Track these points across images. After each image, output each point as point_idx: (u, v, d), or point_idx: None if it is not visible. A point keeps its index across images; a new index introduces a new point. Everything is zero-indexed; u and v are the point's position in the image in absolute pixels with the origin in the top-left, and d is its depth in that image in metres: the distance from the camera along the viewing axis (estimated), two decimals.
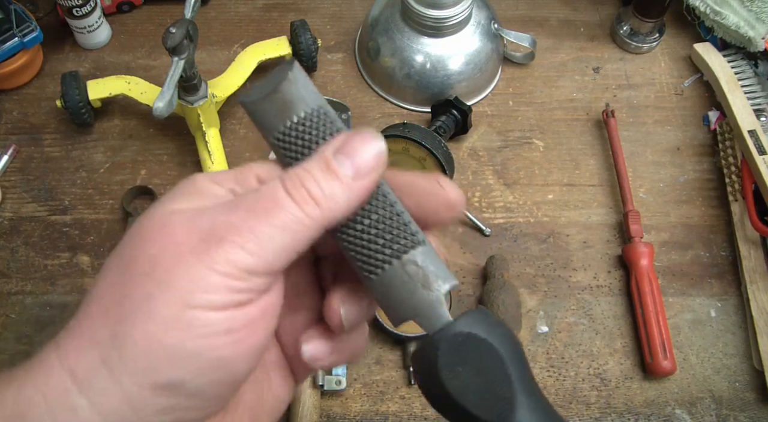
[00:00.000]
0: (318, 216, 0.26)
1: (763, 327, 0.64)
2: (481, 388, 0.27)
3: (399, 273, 0.28)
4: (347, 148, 0.27)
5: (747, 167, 0.70)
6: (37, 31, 0.74)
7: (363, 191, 0.27)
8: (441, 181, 0.29)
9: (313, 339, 0.30)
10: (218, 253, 0.25)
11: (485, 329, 0.27)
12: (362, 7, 0.86)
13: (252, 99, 0.29)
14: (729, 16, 0.77)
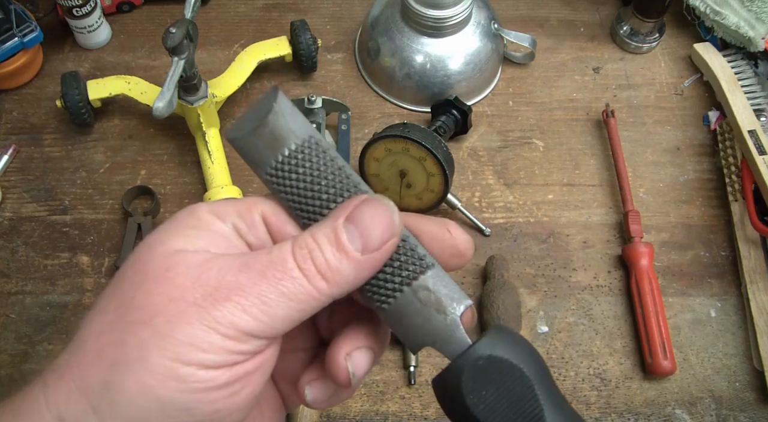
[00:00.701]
0: (326, 290, 0.26)
1: (763, 327, 0.64)
2: (508, 410, 0.27)
3: (411, 301, 0.27)
4: (358, 219, 0.26)
5: (747, 167, 0.70)
6: (37, 31, 0.74)
7: (372, 265, 0.27)
8: (451, 228, 0.29)
9: (314, 383, 0.30)
10: (222, 314, 0.25)
11: (506, 349, 0.27)
12: (362, 7, 0.86)
13: (239, 135, 0.28)
14: (729, 16, 0.77)
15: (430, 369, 0.64)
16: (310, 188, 0.28)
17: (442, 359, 0.65)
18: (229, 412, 0.26)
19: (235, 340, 0.25)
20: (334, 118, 0.76)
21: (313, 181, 0.28)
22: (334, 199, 0.28)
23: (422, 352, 0.65)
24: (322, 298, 0.26)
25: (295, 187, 0.28)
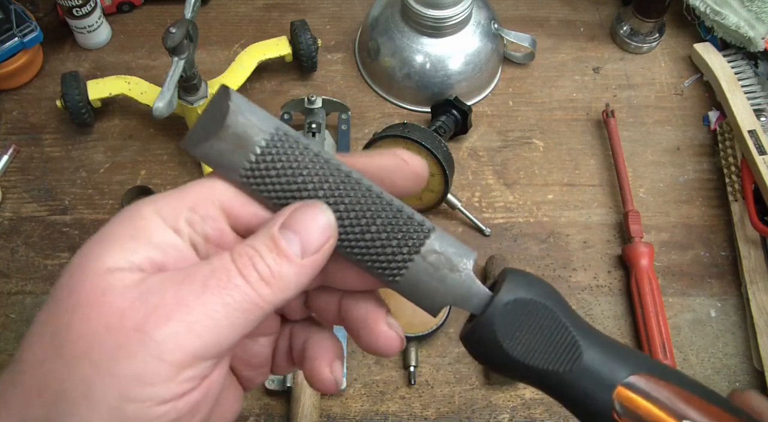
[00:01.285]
0: (270, 297, 0.25)
1: (763, 327, 0.64)
2: (544, 344, 0.28)
3: (423, 266, 0.28)
4: (294, 223, 0.26)
5: (747, 167, 0.70)
6: (37, 31, 0.74)
7: (314, 268, 0.26)
8: (403, 155, 0.29)
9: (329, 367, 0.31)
10: (166, 337, 0.23)
11: (527, 289, 0.28)
12: (362, 7, 0.86)
13: (199, 144, 0.26)
14: (729, 16, 0.77)
15: (430, 369, 0.64)
16: (293, 181, 0.27)
17: (442, 358, 0.65)
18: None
19: (182, 366, 0.24)
20: (334, 118, 0.76)
21: (294, 172, 0.27)
22: (320, 186, 0.27)
23: (422, 352, 0.65)
24: (267, 306, 0.25)
25: (277, 183, 0.27)
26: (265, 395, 0.63)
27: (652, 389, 0.28)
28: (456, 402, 0.63)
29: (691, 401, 0.28)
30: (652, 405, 0.28)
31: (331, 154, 0.27)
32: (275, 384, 0.61)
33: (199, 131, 0.26)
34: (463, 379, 0.64)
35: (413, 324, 0.63)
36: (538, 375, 0.28)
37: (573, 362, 0.28)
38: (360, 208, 0.27)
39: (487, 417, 0.63)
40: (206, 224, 0.26)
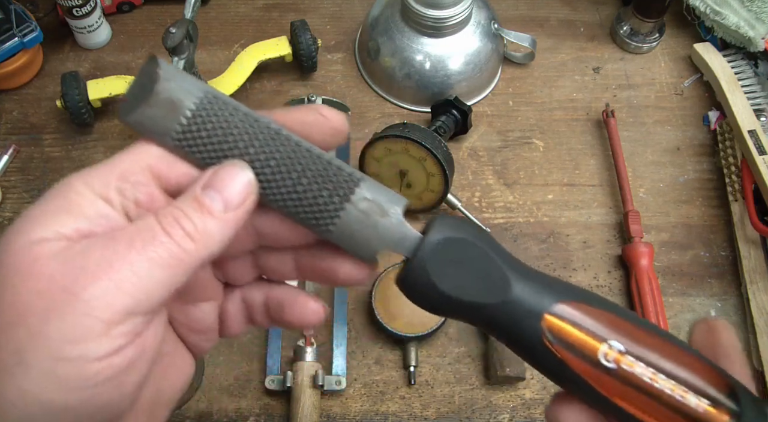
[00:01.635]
0: (194, 251, 0.26)
1: (763, 327, 0.64)
2: (475, 280, 0.29)
3: (355, 214, 0.28)
4: (215, 182, 0.27)
5: (747, 167, 0.70)
6: (37, 31, 0.74)
7: (236, 222, 0.27)
8: (322, 110, 0.30)
9: None
10: (94, 295, 0.24)
11: (455, 229, 0.29)
12: (362, 7, 0.86)
13: (133, 111, 0.27)
14: (729, 16, 0.77)
15: (430, 369, 0.64)
16: (223, 141, 0.28)
17: (442, 358, 0.65)
18: (116, 404, 0.26)
19: (112, 323, 0.24)
20: None
21: (225, 133, 0.27)
22: (251, 143, 0.28)
23: (422, 352, 0.65)
24: (193, 260, 0.26)
25: (208, 144, 0.27)
26: (265, 395, 0.63)
27: (578, 315, 0.29)
28: (456, 402, 0.63)
29: (617, 324, 0.29)
30: (577, 331, 0.29)
31: (260, 114, 0.28)
32: (275, 384, 0.61)
33: (131, 100, 0.27)
34: (463, 379, 0.64)
35: (413, 324, 0.63)
36: (472, 310, 0.29)
37: (503, 294, 0.29)
38: (290, 162, 0.28)
39: (487, 417, 0.63)
40: (137, 190, 0.27)
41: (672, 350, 0.29)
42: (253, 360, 0.64)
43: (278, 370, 0.63)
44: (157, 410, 0.31)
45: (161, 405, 0.31)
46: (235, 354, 0.65)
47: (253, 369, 0.64)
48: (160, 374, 0.31)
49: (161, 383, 0.31)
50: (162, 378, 0.31)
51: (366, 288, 0.67)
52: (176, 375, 0.32)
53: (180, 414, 0.62)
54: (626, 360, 0.28)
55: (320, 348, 0.63)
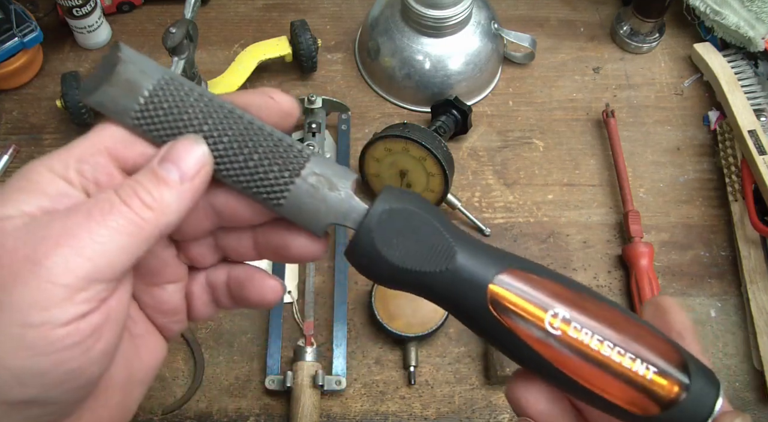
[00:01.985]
0: (152, 219, 0.27)
1: (763, 327, 0.64)
2: (420, 249, 0.29)
3: (305, 189, 0.29)
4: (171, 155, 0.28)
5: (747, 167, 0.70)
6: (37, 31, 0.74)
7: (193, 193, 0.28)
8: (272, 94, 0.31)
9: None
10: (55, 262, 0.25)
11: (400, 200, 0.30)
12: (362, 7, 0.86)
13: (95, 92, 0.29)
14: (729, 16, 0.77)
15: (430, 369, 0.64)
16: (179, 119, 0.29)
17: (442, 358, 0.65)
18: (86, 368, 0.26)
19: (75, 289, 0.25)
20: (334, 118, 0.76)
21: (180, 111, 0.29)
22: (204, 121, 0.29)
23: (422, 352, 0.65)
24: (151, 229, 0.27)
25: (165, 122, 0.29)
26: (265, 395, 0.63)
27: (523, 284, 0.29)
28: (456, 402, 0.63)
29: (563, 293, 0.29)
30: (525, 296, 0.29)
31: (214, 94, 0.30)
32: (275, 384, 0.61)
33: (92, 82, 0.29)
34: (463, 379, 0.64)
35: (413, 324, 0.63)
36: (418, 279, 0.29)
37: (448, 263, 0.29)
38: (242, 139, 0.29)
39: (487, 417, 0.63)
40: (96, 170, 0.28)
41: (621, 320, 0.29)
42: (253, 360, 0.64)
43: (278, 370, 0.63)
44: (132, 388, 0.32)
45: (135, 383, 0.32)
46: (235, 354, 0.65)
47: (253, 369, 0.64)
48: (132, 353, 0.32)
49: (133, 362, 0.32)
50: (134, 357, 0.32)
51: (366, 288, 0.67)
52: (149, 356, 0.33)
53: (180, 414, 0.62)
54: (572, 327, 0.29)
55: (320, 348, 0.63)
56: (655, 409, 0.28)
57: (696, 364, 0.30)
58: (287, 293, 0.67)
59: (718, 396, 0.29)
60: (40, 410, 0.26)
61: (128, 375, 0.32)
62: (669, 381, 0.29)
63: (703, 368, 0.30)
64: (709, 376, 0.29)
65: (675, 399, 0.28)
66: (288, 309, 0.66)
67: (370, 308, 0.64)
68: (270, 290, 0.33)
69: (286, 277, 0.67)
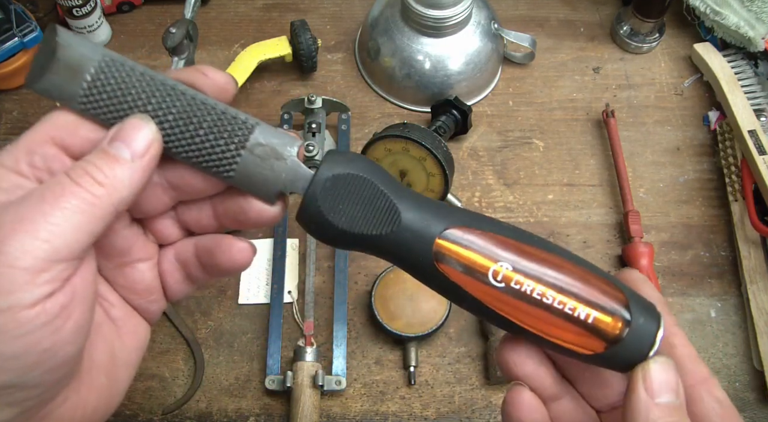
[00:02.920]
0: (105, 196, 0.28)
1: (763, 327, 0.64)
2: (366, 213, 0.31)
3: (251, 159, 0.30)
4: (121, 135, 0.29)
5: (747, 167, 0.70)
6: (37, 31, 0.74)
7: (144, 169, 0.29)
8: (204, 70, 0.32)
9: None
10: (13, 247, 0.25)
11: (344, 166, 0.31)
12: (362, 7, 0.86)
13: (37, 80, 0.29)
14: (729, 16, 0.77)
15: (430, 369, 0.64)
16: (124, 100, 0.30)
17: (442, 358, 0.65)
18: (59, 347, 0.27)
19: (37, 270, 0.26)
20: (334, 118, 0.76)
21: (124, 93, 0.30)
22: (149, 100, 0.30)
23: (422, 352, 0.65)
24: (105, 205, 0.28)
25: (110, 104, 0.30)
26: (265, 395, 0.63)
27: (468, 238, 0.31)
28: (456, 402, 0.63)
29: (507, 244, 0.31)
30: (468, 252, 0.30)
31: (155, 72, 0.30)
32: (275, 384, 0.61)
33: (36, 69, 0.29)
34: (463, 379, 0.64)
35: (413, 324, 0.63)
36: (366, 241, 0.31)
37: (393, 224, 0.30)
38: (187, 114, 0.30)
39: (487, 417, 0.63)
40: (47, 160, 0.29)
41: (565, 265, 0.31)
42: (253, 360, 0.64)
43: (278, 370, 0.63)
44: (116, 371, 0.33)
45: (119, 366, 0.33)
46: (235, 354, 0.65)
47: (253, 369, 0.64)
48: (113, 336, 0.33)
49: (115, 344, 0.33)
50: (115, 339, 0.33)
51: (366, 288, 0.67)
52: (131, 338, 0.34)
53: (180, 414, 0.62)
54: (515, 277, 0.30)
55: (320, 348, 0.63)
56: (601, 346, 0.30)
57: (637, 301, 0.31)
58: (287, 293, 0.67)
59: (658, 328, 0.30)
60: (22, 394, 0.27)
61: (111, 358, 0.32)
62: (612, 318, 0.30)
63: (644, 304, 0.31)
64: (650, 311, 0.31)
65: (619, 335, 0.30)
66: (288, 309, 0.66)
67: (370, 308, 0.64)
68: (238, 252, 0.33)
69: (286, 277, 0.67)
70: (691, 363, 0.31)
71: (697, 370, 0.31)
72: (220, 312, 0.67)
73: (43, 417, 0.29)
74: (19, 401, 0.27)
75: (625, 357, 0.30)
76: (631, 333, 0.30)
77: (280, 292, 0.66)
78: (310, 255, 0.67)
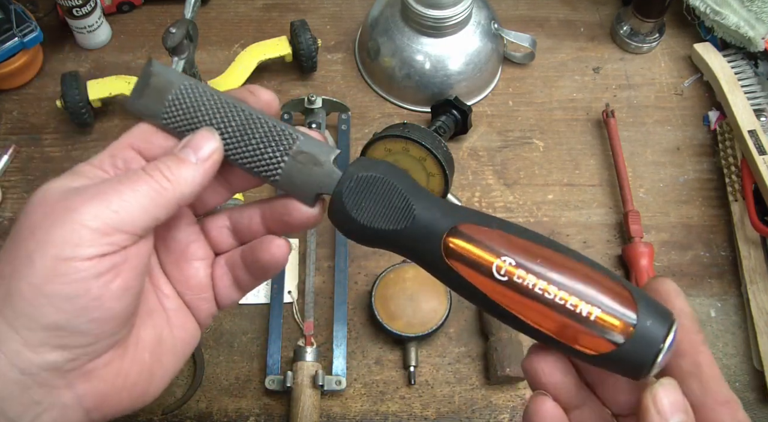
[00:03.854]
0: (170, 189, 0.33)
1: (763, 327, 0.64)
2: (385, 210, 0.34)
3: (294, 165, 0.36)
4: (191, 143, 0.35)
5: (747, 167, 0.70)
6: (37, 31, 0.74)
7: (205, 171, 0.35)
8: (251, 89, 0.38)
9: None
10: (88, 210, 0.31)
11: (368, 169, 0.35)
12: (362, 7, 0.86)
13: (135, 103, 0.37)
14: (729, 16, 0.77)
15: (430, 369, 0.64)
16: (194, 115, 0.36)
17: (442, 358, 0.65)
18: (107, 299, 0.32)
19: (102, 233, 0.31)
20: (334, 118, 0.76)
21: (194, 110, 0.36)
22: (213, 116, 0.36)
23: (422, 352, 0.65)
24: (169, 196, 0.33)
25: (183, 119, 0.36)
26: (265, 395, 0.63)
27: (475, 234, 0.33)
28: (456, 402, 0.63)
29: (511, 241, 0.33)
30: (474, 247, 0.33)
31: (220, 91, 0.37)
32: (275, 384, 0.61)
33: (135, 94, 0.37)
34: (463, 379, 0.64)
35: (413, 324, 0.63)
36: (384, 236, 0.34)
37: (408, 220, 0.34)
38: (243, 127, 0.36)
39: (487, 417, 0.63)
40: (126, 162, 0.36)
41: (569, 263, 0.32)
42: (253, 360, 0.65)
43: (278, 370, 0.63)
44: (161, 354, 0.37)
45: (164, 351, 0.37)
46: (235, 354, 0.65)
47: (253, 369, 0.64)
48: (163, 322, 0.38)
49: (163, 331, 0.38)
50: (164, 327, 0.38)
51: (366, 288, 0.67)
52: (180, 331, 0.39)
53: (180, 414, 0.62)
54: (518, 272, 0.32)
55: (320, 348, 0.63)
56: (607, 347, 0.30)
57: (648, 304, 0.31)
58: (287, 293, 0.67)
59: (669, 332, 0.30)
60: (71, 339, 0.31)
61: (158, 341, 0.37)
62: (617, 320, 0.30)
63: (656, 307, 0.31)
64: (661, 315, 0.30)
65: (625, 337, 0.30)
66: (288, 309, 0.66)
67: (370, 308, 0.64)
68: (277, 248, 0.37)
69: (286, 277, 0.67)
70: (716, 384, 0.31)
71: (721, 392, 0.31)
72: (220, 312, 0.67)
73: (87, 372, 0.33)
74: (68, 346, 0.31)
75: (630, 360, 0.30)
76: (638, 335, 0.30)
77: (280, 292, 0.66)
78: (310, 255, 0.67)
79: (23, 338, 0.30)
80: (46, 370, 0.31)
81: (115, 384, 0.34)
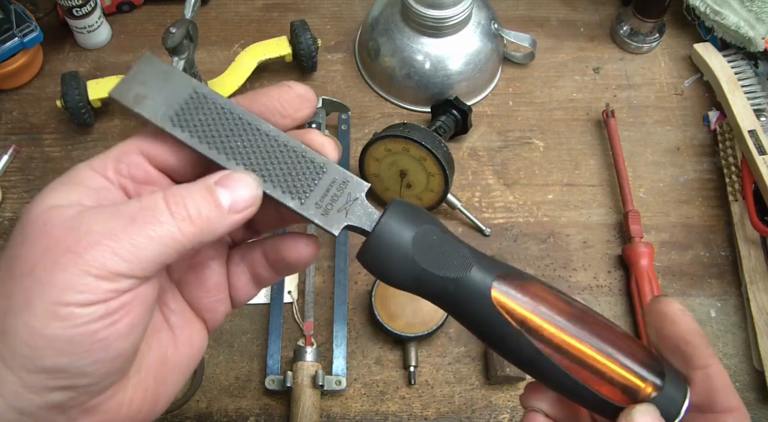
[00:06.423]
0: (191, 234, 0.29)
1: (763, 327, 0.64)
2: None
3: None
4: (229, 182, 0.31)
5: (747, 167, 0.70)
6: (37, 31, 0.74)
7: (234, 223, 0.31)
8: (289, 84, 0.35)
9: None
10: (93, 257, 0.28)
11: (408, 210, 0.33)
12: (362, 7, 0.86)
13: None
14: (729, 16, 0.77)
15: (430, 369, 0.64)
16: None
17: (442, 358, 0.65)
18: (113, 340, 0.29)
19: (107, 280, 0.28)
20: (334, 118, 0.76)
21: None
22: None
23: (422, 352, 0.65)
24: (187, 243, 0.29)
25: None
26: (265, 395, 0.63)
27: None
28: (456, 402, 0.63)
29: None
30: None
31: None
32: (275, 384, 0.61)
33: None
34: (463, 379, 0.64)
35: (413, 324, 0.63)
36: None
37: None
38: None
39: (487, 417, 0.63)
40: (131, 168, 0.32)
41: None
42: (253, 360, 0.65)
43: (278, 370, 0.63)
44: (165, 375, 0.34)
45: (168, 371, 0.34)
46: (235, 354, 0.65)
47: (253, 369, 0.64)
48: (168, 341, 0.35)
49: (168, 350, 0.34)
50: (169, 345, 0.35)
51: (366, 288, 0.67)
52: (185, 347, 0.35)
53: (180, 414, 0.62)
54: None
55: (320, 348, 0.63)
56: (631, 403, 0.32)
57: (671, 370, 0.33)
58: (287, 293, 0.67)
59: (685, 398, 0.32)
60: (73, 380, 0.29)
61: (162, 362, 0.34)
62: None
63: (677, 374, 0.33)
64: (681, 381, 0.33)
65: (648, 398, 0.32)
66: (288, 309, 0.66)
67: (370, 308, 0.64)
68: (305, 246, 0.35)
69: (286, 277, 0.67)
70: (725, 395, 0.32)
71: (729, 402, 0.32)
72: None
73: (90, 408, 0.30)
74: (70, 386, 0.29)
75: None
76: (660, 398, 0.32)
77: (280, 292, 0.66)
78: None
79: (21, 379, 0.28)
80: (46, 410, 0.29)
81: (119, 413, 0.32)
